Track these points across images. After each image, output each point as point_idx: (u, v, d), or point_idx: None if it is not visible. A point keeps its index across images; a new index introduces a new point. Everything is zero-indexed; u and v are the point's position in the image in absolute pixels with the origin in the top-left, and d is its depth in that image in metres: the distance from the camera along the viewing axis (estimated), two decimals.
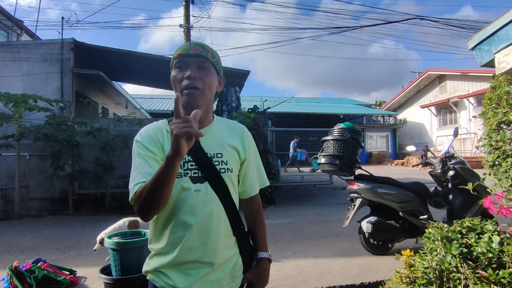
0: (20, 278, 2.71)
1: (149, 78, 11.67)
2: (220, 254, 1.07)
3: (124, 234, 3.06)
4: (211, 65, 1.12)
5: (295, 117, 20.56)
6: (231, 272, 1.11)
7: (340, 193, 8.84)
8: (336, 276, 3.09)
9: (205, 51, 1.10)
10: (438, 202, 3.80)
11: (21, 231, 5.48)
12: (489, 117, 2.62)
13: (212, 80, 1.12)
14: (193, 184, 1.06)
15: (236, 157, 1.14)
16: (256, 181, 1.22)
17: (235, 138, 1.17)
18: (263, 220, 1.26)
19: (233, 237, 1.13)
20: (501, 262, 1.59)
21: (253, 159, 1.21)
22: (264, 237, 1.24)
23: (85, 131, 6.91)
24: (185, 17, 8.24)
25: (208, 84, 1.10)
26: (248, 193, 1.21)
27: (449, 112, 20.13)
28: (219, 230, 1.07)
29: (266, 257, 1.20)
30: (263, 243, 1.22)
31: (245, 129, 1.23)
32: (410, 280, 1.95)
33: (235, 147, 1.15)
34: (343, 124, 3.73)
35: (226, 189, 1.09)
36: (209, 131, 1.14)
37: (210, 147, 1.10)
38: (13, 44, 8.39)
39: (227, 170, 1.10)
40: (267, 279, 1.19)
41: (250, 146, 1.20)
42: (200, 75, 1.09)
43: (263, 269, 1.18)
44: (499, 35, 1.70)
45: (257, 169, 1.23)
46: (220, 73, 1.18)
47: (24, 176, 7.11)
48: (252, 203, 1.24)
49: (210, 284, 1.05)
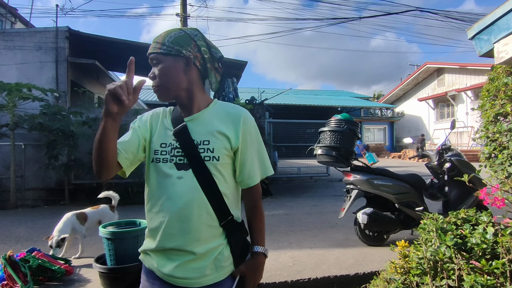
0: (15, 267, 2.70)
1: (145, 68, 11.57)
2: (202, 244, 1.05)
3: (119, 223, 3.05)
4: (161, 55, 1.08)
5: (293, 109, 20.52)
6: (215, 262, 1.06)
7: (337, 185, 8.87)
8: (331, 267, 3.11)
9: (155, 46, 1.09)
10: (434, 194, 3.81)
11: (16, 221, 5.46)
12: (487, 109, 2.61)
13: (167, 70, 1.08)
14: (177, 171, 1.06)
15: (226, 145, 1.08)
16: (255, 171, 1.13)
17: (228, 125, 1.10)
18: (262, 213, 1.18)
19: (219, 228, 1.08)
20: (495, 253, 1.59)
21: (251, 147, 1.12)
22: (260, 230, 1.17)
23: (81, 121, 6.85)
24: (182, 6, 8.11)
25: (163, 77, 1.08)
26: (246, 183, 1.13)
27: (446, 106, 20.16)
28: (200, 219, 1.04)
29: (261, 251, 1.13)
30: (259, 236, 1.16)
31: (243, 115, 1.12)
32: (405, 270, 1.96)
33: (225, 134, 1.08)
34: (340, 115, 3.71)
35: (211, 178, 1.05)
36: (200, 117, 1.12)
37: (198, 134, 1.09)
38: (7, 32, 8.25)
39: (212, 158, 1.06)
40: (260, 274, 1.14)
41: (246, 133, 1.10)
42: (155, 73, 1.09)
43: (257, 263, 1.13)
44: (499, 24, 1.68)
45: (258, 158, 1.14)
46: (181, 54, 1.07)
47: (20, 166, 7.07)
48: (250, 193, 1.16)
49: (192, 271, 1.04)
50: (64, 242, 3.30)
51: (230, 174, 1.11)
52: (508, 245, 1.50)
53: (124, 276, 2.77)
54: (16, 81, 6.60)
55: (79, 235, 3.47)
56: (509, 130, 2.32)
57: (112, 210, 3.88)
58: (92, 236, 4.28)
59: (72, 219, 3.47)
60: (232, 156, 1.11)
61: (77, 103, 8.36)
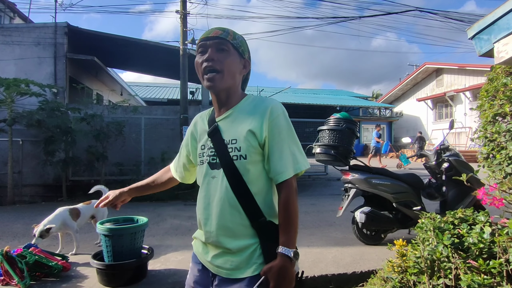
0: (11, 262, 2.69)
1: (145, 65, 11.53)
2: (235, 242, 1.07)
3: (117, 220, 3.04)
4: (231, 46, 1.10)
5: (292, 107, 20.48)
6: (248, 258, 1.06)
7: (335, 184, 8.88)
8: (329, 265, 3.12)
9: (225, 33, 1.10)
10: (431, 194, 3.82)
11: (13, 217, 5.44)
12: (485, 109, 2.62)
13: (232, 62, 1.10)
14: (211, 170, 1.11)
15: (253, 142, 1.05)
16: (284, 166, 1.05)
17: (255, 120, 1.07)
18: (291, 212, 1.05)
19: (251, 228, 1.07)
20: (492, 253, 1.60)
21: (279, 140, 1.06)
22: (288, 230, 1.04)
23: (79, 117, 6.83)
24: (182, 3, 8.08)
25: (227, 66, 1.09)
26: (275, 180, 1.07)
27: (445, 106, 20.19)
28: (232, 218, 1.06)
29: (283, 252, 1.01)
30: (284, 236, 1.04)
31: (270, 107, 1.08)
32: (402, 269, 1.97)
33: (251, 130, 1.06)
34: (339, 114, 3.70)
35: (240, 178, 1.05)
36: (231, 115, 1.14)
37: (227, 133, 1.10)
38: (5, 27, 8.22)
39: (239, 157, 1.06)
40: (284, 277, 1.00)
41: (273, 125, 1.06)
42: (219, 57, 1.08)
43: (278, 266, 1.01)
44: (499, 24, 1.68)
45: (288, 151, 1.07)
46: (244, 56, 1.14)
47: (17, 162, 7.04)
48: (280, 190, 1.07)
49: (228, 262, 1.08)
50: (48, 233, 3.20)
51: (262, 171, 1.09)
52: (505, 245, 1.51)
53: (121, 272, 2.77)
54: (14, 77, 6.58)
55: (71, 230, 3.44)
56: (508, 130, 2.32)
57: None
58: (89, 233, 4.28)
59: (64, 213, 3.43)
60: (262, 152, 1.08)
61: (75, 99, 8.33)
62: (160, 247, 3.67)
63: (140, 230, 2.90)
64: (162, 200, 6.68)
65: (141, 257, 2.89)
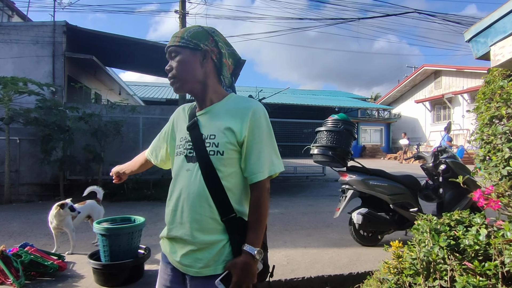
0: (7, 262, 2.68)
1: (144, 65, 11.51)
2: (203, 236, 1.07)
3: (114, 219, 3.04)
4: (179, 48, 1.13)
5: (290, 108, 20.51)
6: (218, 255, 1.07)
7: (333, 185, 8.89)
8: (325, 266, 3.12)
9: (174, 39, 1.15)
10: (428, 195, 3.83)
11: (10, 215, 5.42)
12: (482, 112, 2.63)
13: (183, 63, 1.13)
14: (187, 164, 1.12)
15: (231, 139, 1.08)
16: (260, 167, 1.08)
17: (236, 119, 1.10)
18: (261, 212, 1.09)
19: (221, 223, 1.08)
20: (487, 255, 1.60)
21: (258, 142, 1.09)
22: (255, 229, 1.08)
23: (77, 116, 6.80)
24: (181, 3, 8.08)
25: (178, 69, 1.13)
26: (250, 179, 1.10)
27: (443, 108, 20.25)
28: (203, 211, 1.07)
29: (247, 250, 1.04)
30: (252, 236, 1.07)
31: (252, 109, 1.10)
32: (398, 270, 1.97)
33: (231, 128, 1.08)
34: (337, 115, 3.71)
35: (214, 172, 1.07)
36: (211, 111, 1.16)
37: (206, 128, 1.13)
38: (3, 25, 8.17)
39: (216, 152, 1.08)
40: (247, 274, 1.04)
41: (254, 127, 1.09)
42: (172, 64, 1.14)
43: (240, 262, 1.03)
44: (496, 27, 1.68)
45: (266, 153, 1.10)
46: (199, 48, 1.12)
47: (14, 161, 7.02)
48: (253, 190, 1.10)
49: (196, 261, 1.08)
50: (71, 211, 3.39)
51: (237, 169, 1.11)
52: (501, 247, 1.51)
53: (118, 272, 2.77)
54: (12, 75, 6.54)
55: (68, 229, 3.44)
56: (504, 132, 2.33)
57: (98, 203, 3.89)
58: (86, 232, 4.27)
59: (66, 211, 3.45)
60: (239, 150, 1.11)
61: (73, 98, 8.31)
62: (157, 246, 3.65)
63: (137, 230, 2.90)
64: (159, 200, 6.67)
65: (138, 257, 2.89)
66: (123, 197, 6.92)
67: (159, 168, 1.50)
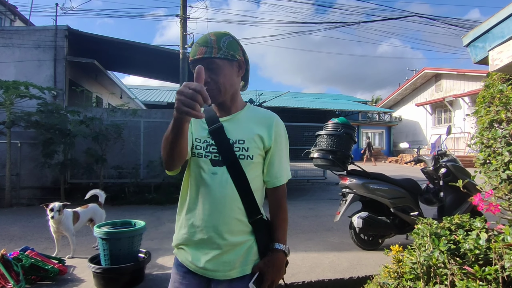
0: (7, 266, 2.68)
1: (145, 69, 11.57)
2: (231, 237, 1.11)
3: (114, 223, 3.04)
4: (219, 60, 1.10)
5: (291, 111, 20.54)
6: (244, 256, 1.13)
7: (333, 189, 8.87)
8: (326, 270, 3.11)
9: (209, 50, 1.09)
10: (429, 199, 3.83)
11: (11, 219, 5.43)
12: (482, 115, 2.63)
13: (224, 74, 1.12)
14: (212, 167, 1.13)
15: (259, 145, 1.15)
16: (282, 172, 1.19)
17: (261, 126, 1.17)
18: (285, 211, 1.22)
19: (249, 224, 1.14)
20: (488, 259, 1.60)
21: (280, 149, 1.19)
22: (283, 228, 1.20)
23: (78, 120, 6.82)
24: (182, 7, 8.12)
25: (221, 80, 1.11)
26: (273, 183, 1.19)
27: (444, 111, 20.25)
28: (231, 214, 1.11)
29: (281, 249, 1.16)
30: (281, 234, 1.18)
31: (275, 118, 1.20)
32: (398, 275, 1.97)
33: (259, 135, 1.15)
34: (337, 119, 3.72)
35: (243, 175, 1.12)
36: (235, 118, 1.19)
37: (233, 133, 1.15)
38: (6, 29, 8.23)
39: (246, 156, 1.13)
40: (279, 271, 1.15)
41: (277, 135, 1.18)
42: (211, 76, 1.09)
43: (276, 260, 1.14)
44: (494, 32, 1.70)
45: (285, 160, 1.22)
46: (236, 58, 1.14)
47: (15, 164, 7.03)
48: (276, 192, 1.21)
49: (222, 264, 1.11)
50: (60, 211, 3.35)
51: (260, 173, 1.18)
52: (501, 251, 1.51)
53: (118, 276, 2.77)
54: (14, 79, 6.58)
55: (68, 233, 3.44)
56: (504, 136, 2.34)
57: (100, 207, 3.90)
58: (86, 236, 4.27)
59: (69, 215, 3.47)
60: (264, 156, 1.18)
61: (75, 102, 8.34)
62: (158, 251, 3.66)
63: (137, 234, 2.90)
64: (161, 204, 6.67)
65: (138, 261, 2.89)
66: (124, 201, 6.92)
67: (160, 172, 1.47)
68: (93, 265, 2.76)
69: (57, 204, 3.35)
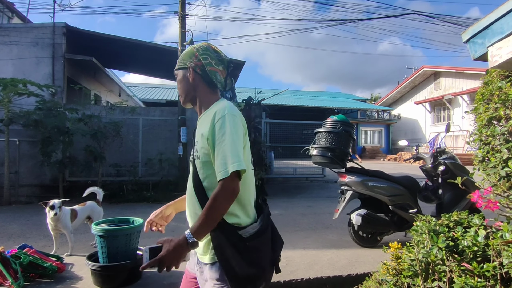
0: (5, 263, 2.67)
1: (144, 66, 11.52)
2: None
3: (112, 221, 3.04)
4: (177, 70, 1.34)
5: (290, 109, 20.52)
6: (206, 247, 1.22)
7: (332, 186, 8.88)
8: (324, 267, 3.11)
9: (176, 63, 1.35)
10: (428, 197, 3.83)
11: (9, 217, 5.42)
12: (480, 113, 2.63)
13: (179, 82, 1.33)
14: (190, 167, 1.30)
15: (204, 145, 1.20)
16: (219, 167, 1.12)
17: (206, 124, 1.21)
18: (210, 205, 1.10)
19: None
20: (486, 256, 1.60)
21: (218, 143, 1.13)
22: (199, 218, 1.11)
23: (77, 118, 6.80)
24: (181, 4, 8.08)
25: (180, 87, 1.35)
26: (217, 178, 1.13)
27: (443, 109, 20.25)
28: (192, 208, 1.26)
29: (186, 235, 1.10)
30: (196, 223, 1.11)
31: (215, 111, 1.18)
32: (397, 272, 1.96)
33: (203, 134, 1.21)
34: (336, 116, 3.71)
35: (196, 175, 1.23)
36: (200, 119, 1.31)
37: (196, 135, 1.28)
38: (3, 27, 8.19)
39: (196, 156, 1.24)
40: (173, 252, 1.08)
41: (215, 128, 1.14)
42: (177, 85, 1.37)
43: (175, 241, 1.09)
44: (493, 28, 1.69)
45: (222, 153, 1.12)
46: (186, 67, 1.30)
47: (14, 162, 7.01)
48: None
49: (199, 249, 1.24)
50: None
51: (213, 171, 1.17)
52: (499, 248, 1.51)
53: (116, 274, 2.76)
54: (11, 76, 6.55)
55: (66, 230, 3.44)
56: (502, 133, 2.33)
57: (98, 204, 3.89)
58: (84, 234, 4.26)
59: (67, 212, 3.46)
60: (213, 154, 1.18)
61: (73, 99, 8.31)
62: None
63: (135, 232, 2.89)
64: (159, 202, 6.66)
65: (136, 258, 2.88)
66: (122, 199, 6.91)
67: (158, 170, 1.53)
68: (91, 263, 2.76)
69: (57, 201, 3.35)
